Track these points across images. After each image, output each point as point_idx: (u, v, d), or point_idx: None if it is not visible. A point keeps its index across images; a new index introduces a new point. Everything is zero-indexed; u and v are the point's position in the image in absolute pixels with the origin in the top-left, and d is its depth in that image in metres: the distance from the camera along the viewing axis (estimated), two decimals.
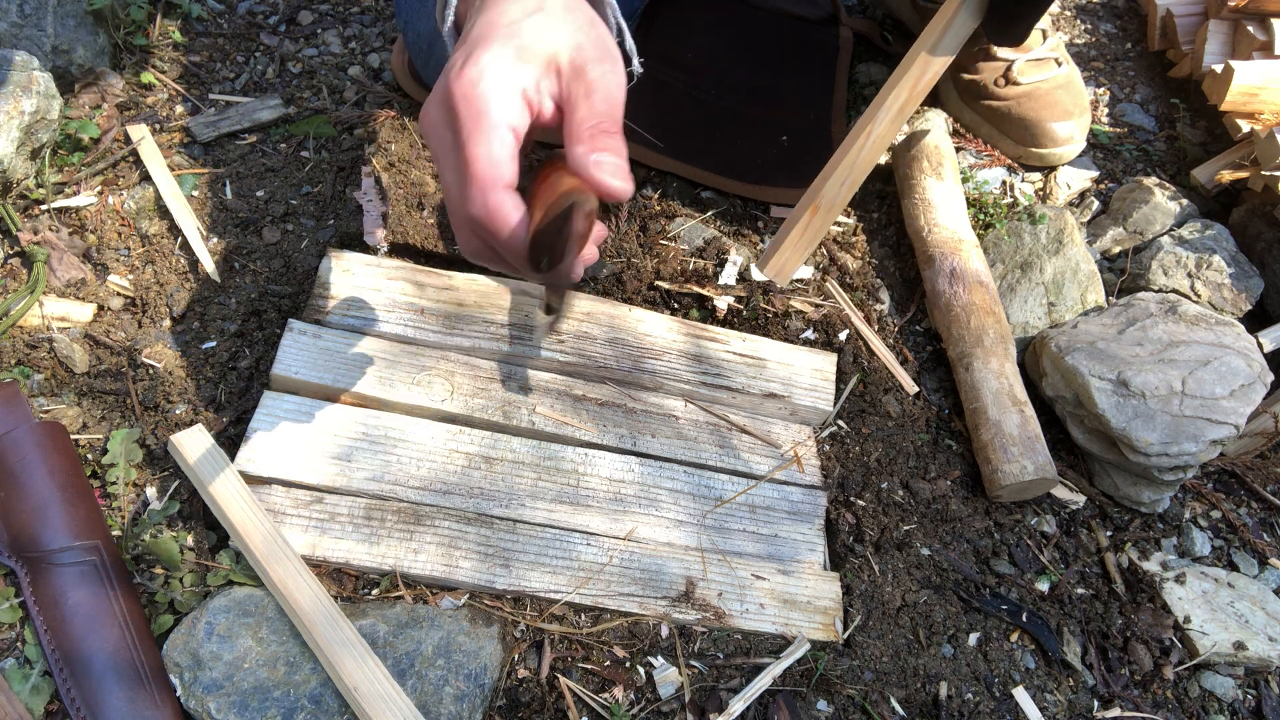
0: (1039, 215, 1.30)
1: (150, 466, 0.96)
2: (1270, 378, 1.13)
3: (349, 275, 1.06)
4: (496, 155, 0.61)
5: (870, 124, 1.08)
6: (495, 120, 0.61)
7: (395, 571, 0.91)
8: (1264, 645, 1.06)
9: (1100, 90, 1.58)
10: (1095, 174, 1.45)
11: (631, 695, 0.90)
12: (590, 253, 0.71)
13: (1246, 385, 1.09)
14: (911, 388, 1.19)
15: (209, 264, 1.10)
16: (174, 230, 1.12)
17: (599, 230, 0.70)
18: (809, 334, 1.20)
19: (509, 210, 0.61)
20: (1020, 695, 0.99)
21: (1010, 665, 1.01)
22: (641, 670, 0.91)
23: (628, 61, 0.76)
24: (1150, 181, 1.39)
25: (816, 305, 1.22)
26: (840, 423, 1.14)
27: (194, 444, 0.92)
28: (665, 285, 1.18)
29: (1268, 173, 1.30)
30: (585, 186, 0.62)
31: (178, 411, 0.99)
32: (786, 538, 1.04)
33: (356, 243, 1.14)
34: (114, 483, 0.94)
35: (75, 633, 0.82)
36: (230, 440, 0.98)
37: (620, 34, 0.76)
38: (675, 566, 0.98)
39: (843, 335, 1.20)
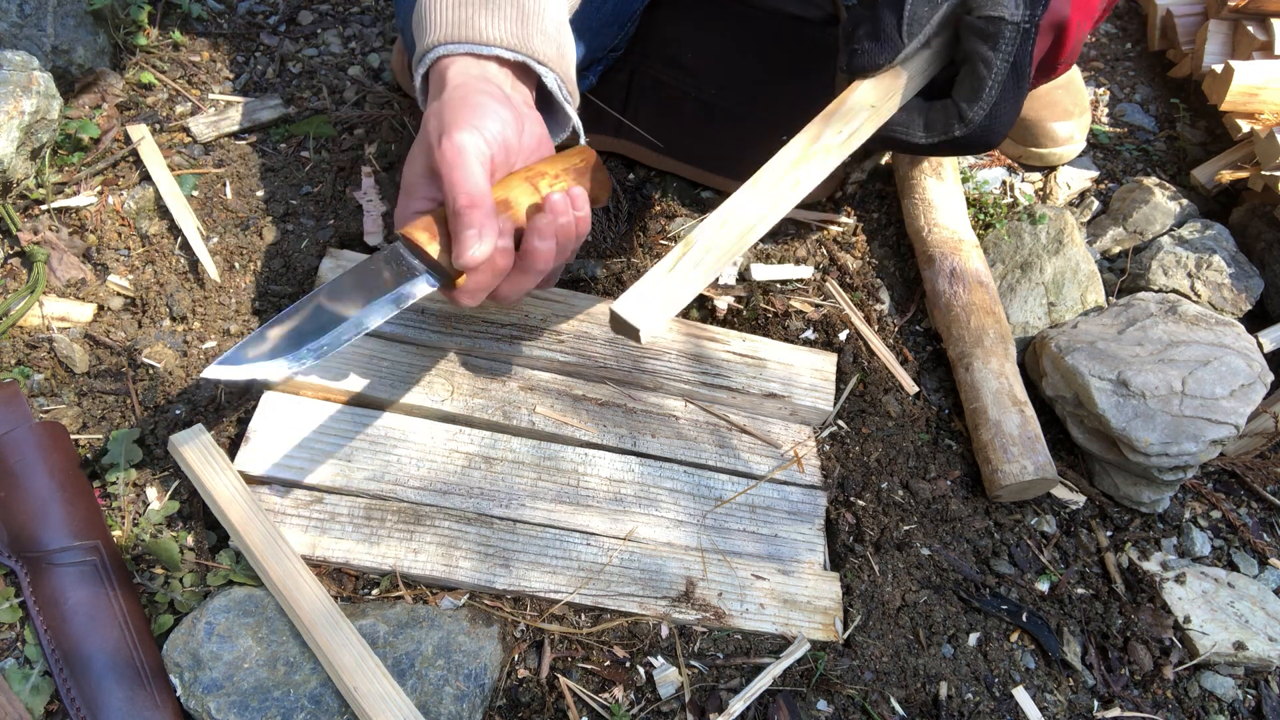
0: (1039, 215, 1.30)
1: (150, 466, 0.96)
2: (1270, 378, 1.13)
3: None
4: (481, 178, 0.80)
5: (762, 171, 0.87)
6: (474, 164, 0.79)
7: (395, 571, 0.91)
8: (1264, 645, 1.06)
9: (1100, 90, 1.58)
10: (1095, 174, 1.45)
11: (631, 695, 0.90)
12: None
13: (1246, 385, 1.09)
14: (911, 388, 1.19)
15: (209, 264, 1.10)
16: (174, 230, 1.12)
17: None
18: (809, 334, 1.20)
19: (489, 201, 0.80)
20: (1020, 695, 0.99)
21: (1010, 665, 1.02)
22: (641, 670, 0.91)
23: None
24: (1150, 181, 1.39)
25: (816, 305, 1.22)
26: (840, 423, 1.14)
27: (194, 444, 0.92)
28: None
29: (1268, 173, 1.30)
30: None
31: (178, 411, 0.99)
32: (786, 538, 1.04)
33: (356, 243, 1.14)
34: (114, 483, 0.94)
35: (75, 633, 0.82)
36: (230, 440, 0.98)
37: (576, 133, 0.96)
38: (675, 566, 0.98)
39: (843, 335, 1.20)
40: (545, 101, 0.94)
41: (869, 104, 0.90)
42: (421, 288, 0.84)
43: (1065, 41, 0.94)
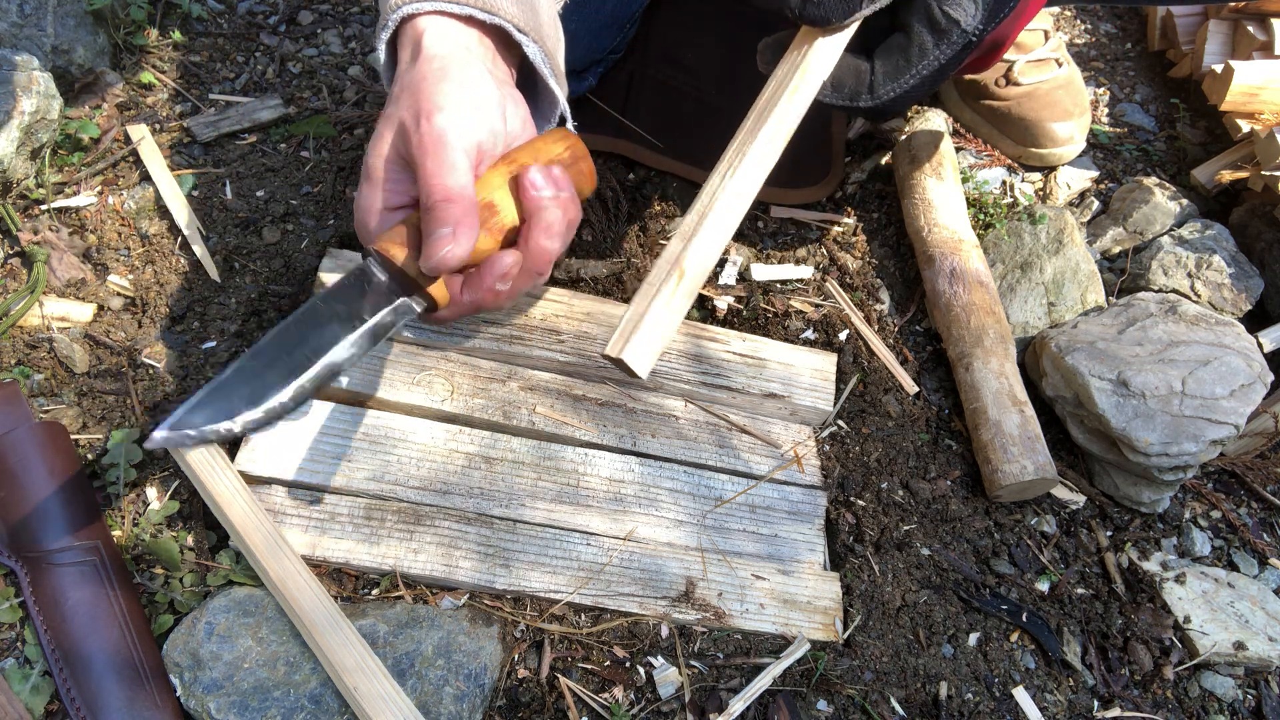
0: (1039, 215, 1.30)
1: (150, 466, 0.96)
2: (1270, 378, 1.13)
3: None
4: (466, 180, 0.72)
5: (732, 169, 0.78)
6: (458, 154, 0.71)
7: (395, 571, 0.91)
8: (1264, 645, 1.06)
9: (1100, 90, 1.58)
10: (1095, 174, 1.45)
11: (631, 695, 0.90)
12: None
13: (1246, 385, 1.09)
14: (911, 388, 1.19)
15: (209, 264, 1.10)
16: (174, 230, 1.12)
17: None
18: (809, 334, 1.20)
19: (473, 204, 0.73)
20: (1020, 695, 0.99)
21: (1010, 665, 1.02)
22: (641, 670, 0.91)
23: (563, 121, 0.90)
24: (1150, 181, 1.39)
25: (816, 305, 1.22)
26: (840, 423, 1.14)
27: None
28: None
29: (1268, 173, 1.30)
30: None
31: None
32: (786, 538, 1.04)
33: (357, 243, 1.14)
34: (114, 483, 0.94)
35: (75, 632, 0.82)
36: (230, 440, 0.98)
37: (564, 119, 0.88)
38: (675, 566, 0.98)
39: (843, 335, 1.20)
40: (528, 85, 0.87)
41: (826, 63, 0.85)
42: (403, 313, 0.74)
43: (995, 54, 0.94)
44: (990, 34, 0.84)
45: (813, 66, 0.83)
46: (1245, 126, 1.37)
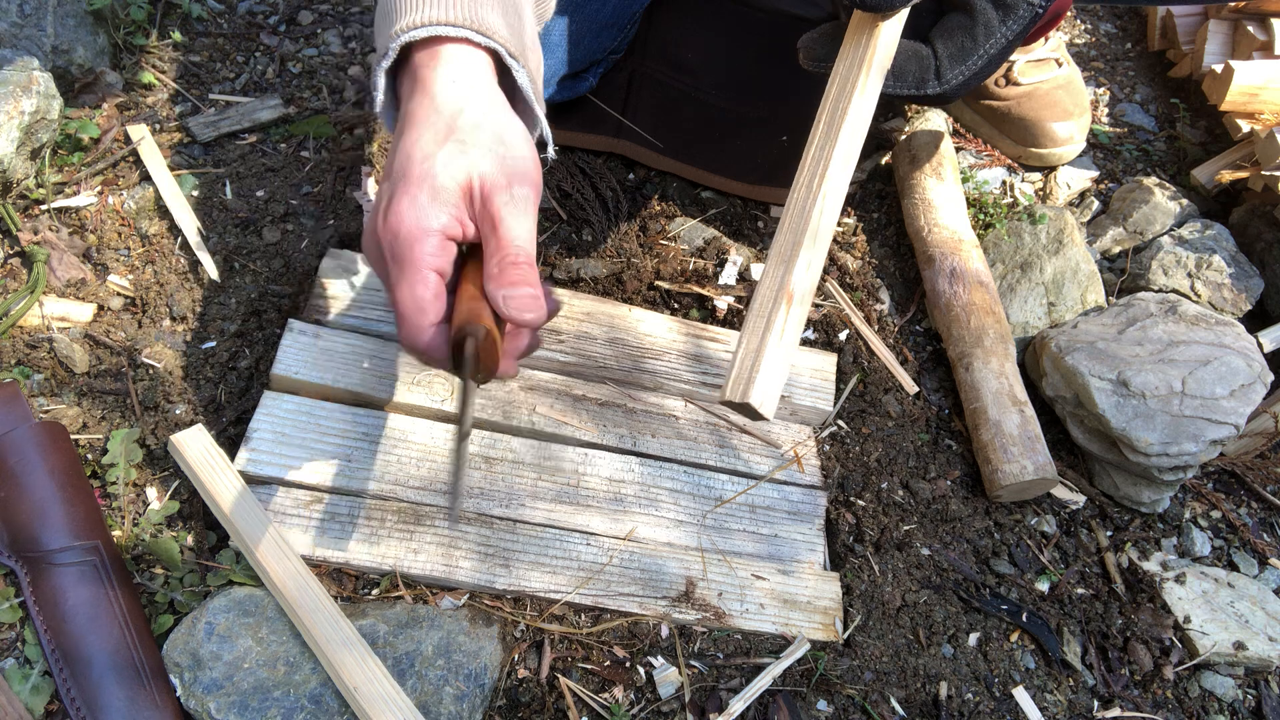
0: (1039, 215, 1.30)
1: (150, 466, 0.96)
2: (1270, 378, 1.13)
3: (349, 275, 1.06)
4: (421, 298, 0.69)
5: (817, 177, 0.74)
6: (419, 267, 0.69)
7: (395, 571, 0.91)
8: (1264, 645, 1.06)
9: (1100, 90, 1.58)
10: (1095, 174, 1.45)
11: (631, 695, 0.90)
12: (505, 366, 0.76)
13: (1246, 385, 1.09)
14: (911, 388, 1.19)
15: (209, 264, 1.10)
16: (174, 230, 1.12)
17: (515, 343, 0.76)
18: (809, 334, 1.20)
19: (437, 343, 0.71)
20: (1020, 695, 0.99)
21: (1010, 665, 1.01)
22: (641, 670, 0.91)
23: (544, 147, 0.81)
24: (1150, 181, 1.39)
25: (817, 305, 1.22)
26: (840, 423, 1.14)
27: (194, 444, 0.92)
28: (665, 285, 1.18)
29: (1268, 173, 1.30)
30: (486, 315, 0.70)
31: (178, 411, 0.99)
32: (786, 538, 1.04)
33: (356, 243, 1.14)
34: (114, 483, 0.94)
35: (75, 632, 0.82)
36: (230, 440, 0.98)
37: (541, 129, 0.80)
38: (675, 566, 0.98)
39: (843, 335, 1.20)
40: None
41: (888, 52, 0.80)
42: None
43: (1054, 24, 0.90)
44: (1053, 3, 0.81)
45: (878, 58, 0.78)
46: (1245, 126, 1.37)
